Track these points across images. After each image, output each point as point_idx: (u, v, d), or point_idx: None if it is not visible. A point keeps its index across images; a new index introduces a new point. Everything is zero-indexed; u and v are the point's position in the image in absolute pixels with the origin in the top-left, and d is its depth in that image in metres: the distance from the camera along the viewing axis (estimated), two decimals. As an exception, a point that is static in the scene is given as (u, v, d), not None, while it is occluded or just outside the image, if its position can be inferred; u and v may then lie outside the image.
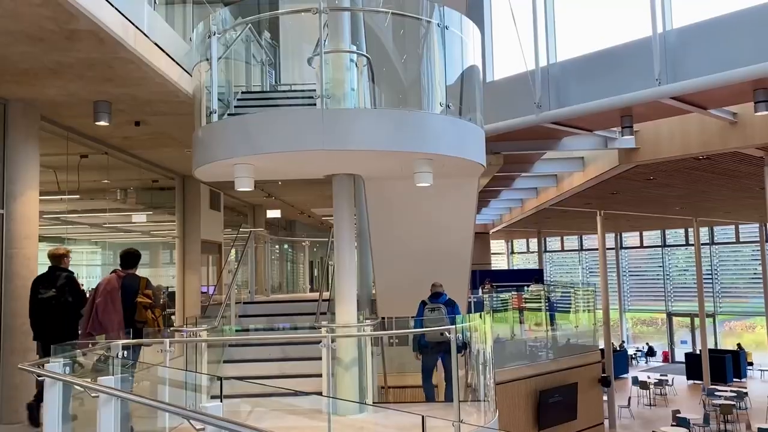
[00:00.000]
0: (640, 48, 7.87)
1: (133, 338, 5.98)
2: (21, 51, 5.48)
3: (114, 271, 6.57)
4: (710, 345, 25.92)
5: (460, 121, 6.22)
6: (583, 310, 17.94)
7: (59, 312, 6.29)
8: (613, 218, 23.25)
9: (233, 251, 12.18)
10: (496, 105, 9.50)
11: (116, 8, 5.20)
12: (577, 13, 9.08)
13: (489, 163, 10.28)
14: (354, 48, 6.51)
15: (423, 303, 7.51)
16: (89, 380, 4.57)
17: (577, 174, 14.24)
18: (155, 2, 6.52)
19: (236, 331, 8.58)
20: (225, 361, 8.01)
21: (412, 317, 7.39)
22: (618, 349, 27.63)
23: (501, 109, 9.48)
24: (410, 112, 5.88)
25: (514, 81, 9.46)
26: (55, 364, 4.63)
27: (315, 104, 5.96)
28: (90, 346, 5.72)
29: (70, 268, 6.57)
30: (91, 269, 13.12)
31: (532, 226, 28.29)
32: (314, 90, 6.20)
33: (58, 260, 6.49)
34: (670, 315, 31.70)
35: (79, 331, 6.50)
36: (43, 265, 6.73)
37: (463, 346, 6.12)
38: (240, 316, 9.34)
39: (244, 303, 10.13)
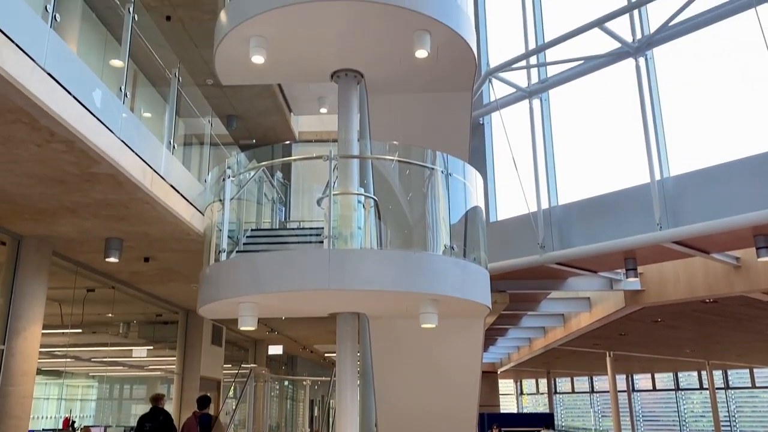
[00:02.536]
0: (639, 193, 8.12)
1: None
2: (41, 192, 5.70)
3: (194, 413, 9.09)
4: (735, 499, 24.21)
5: (464, 262, 6.27)
6: (598, 458, 16.99)
7: None
8: (624, 359, 22.67)
9: (232, 389, 11.84)
10: (501, 244, 9.63)
11: (137, 154, 5.47)
12: (576, 158, 9.47)
13: (495, 302, 10.25)
14: (362, 189, 6.73)
15: None
16: None
17: (584, 314, 14.10)
18: (174, 147, 6.86)
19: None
20: None
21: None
22: (637, 502, 25.78)
23: (505, 248, 9.61)
24: (415, 253, 5.95)
25: (517, 221, 9.67)
26: None
27: (322, 242, 6.07)
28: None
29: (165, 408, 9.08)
30: (85, 404, 12.71)
31: (541, 365, 27.54)
32: (322, 228, 6.35)
33: (157, 402, 8.87)
34: (690, 464, 29.90)
35: None
36: (37, 400, 6.95)
37: None
38: (236, 461, 8.92)
39: (241, 446, 9.70)
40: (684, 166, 7.92)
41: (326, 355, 20.84)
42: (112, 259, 7.38)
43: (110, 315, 10.65)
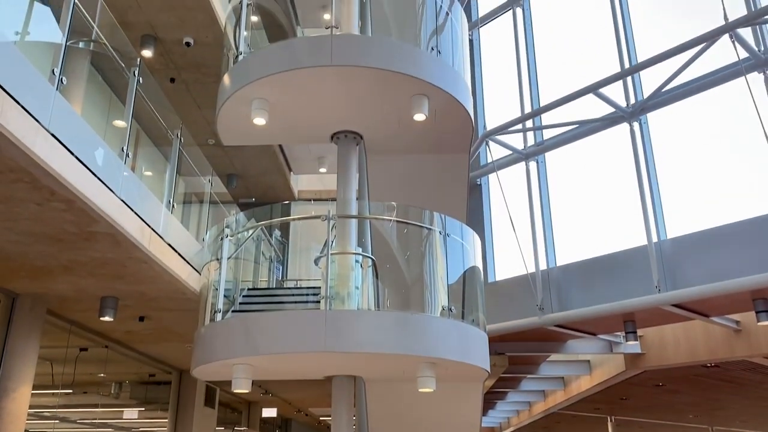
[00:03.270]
0: (637, 255, 8.12)
1: None
2: (39, 250, 5.69)
3: None
4: None
5: (463, 324, 6.22)
6: None
7: None
8: (626, 425, 22.15)
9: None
10: (500, 305, 9.56)
11: (136, 213, 5.50)
12: (574, 219, 9.52)
13: (494, 364, 10.10)
14: (359, 249, 6.74)
15: None
16: None
17: (584, 378, 13.87)
18: (173, 206, 6.90)
19: None
20: None
21: None
22: None
23: (504, 309, 9.54)
24: (413, 314, 5.90)
25: (515, 282, 9.63)
26: None
27: (319, 302, 6.03)
28: None
29: None
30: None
31: (541, 430, 26.86)
32: (319, 287, 6.31)
33: None
34: None
35: None
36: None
37: None
38: None
39: None
40: (681, 229, 7.96)
41: (321, 418, 20.36)
42: (106, 318, 7.30)
43: (102, 375, 10.46)
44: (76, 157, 4.66)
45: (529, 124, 9.90)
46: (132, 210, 5.50)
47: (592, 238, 9.06)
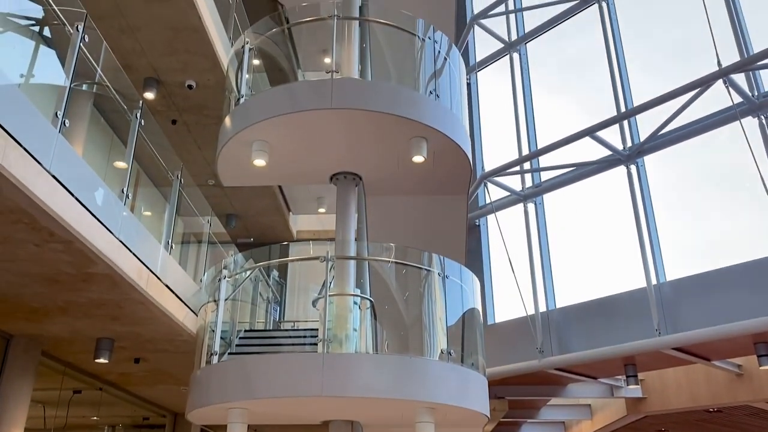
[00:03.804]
0: (637, 297, 8.08)
1: None
2: (35, 291, 5.66)
3: None
4: None
5: (462, 368, 6.14)
6: None
7: None
8: (629, 470, 21.69)
9: (218, 500, 11.22)
10: (499, 348, 9.47)
11: (134, 254, 5.48)
12: (573, 261, 9.50)
13: (493, 409, 9.94)
14: (358, 291, 6.70)
15: None
16: None
17: (586, 422, 13.65)
18: (172, 247, 6.89)
19: None
20: None
21: None
22: None
23: (504, 352, 9.44)
24: (411, 358, 5.83)
25: (515, 324, 9.56)
26: None
27: (316, 344, 5.97)
28: None
29: None
30: None
31: (541, 476, 26.28)
32: (317, 329, 6.26)
33: None
34: None
35: None
36: None
37: None
38: None
39: None
40: (680, 272, 7.94)
41: (318, 462, 19.93)
42: (102, 360, 7.20)
43: (95, 417, 10.27)
44: (77, 199, 4.67)
45: (526, 166, 9.97)
46: (130, 251, 5.48)
47: (591, 280, 9.04)
